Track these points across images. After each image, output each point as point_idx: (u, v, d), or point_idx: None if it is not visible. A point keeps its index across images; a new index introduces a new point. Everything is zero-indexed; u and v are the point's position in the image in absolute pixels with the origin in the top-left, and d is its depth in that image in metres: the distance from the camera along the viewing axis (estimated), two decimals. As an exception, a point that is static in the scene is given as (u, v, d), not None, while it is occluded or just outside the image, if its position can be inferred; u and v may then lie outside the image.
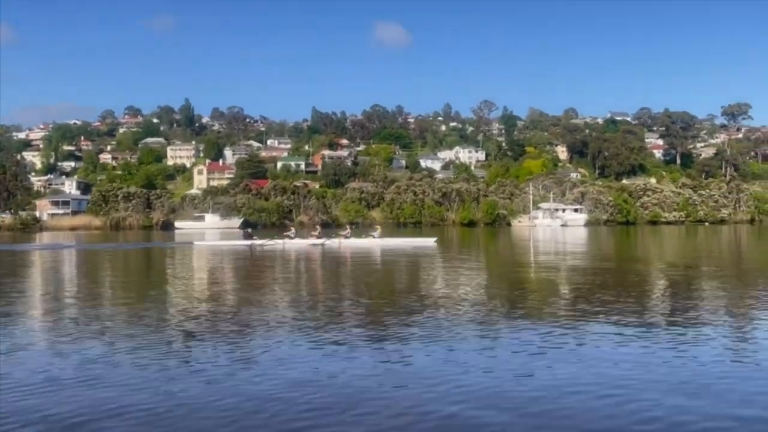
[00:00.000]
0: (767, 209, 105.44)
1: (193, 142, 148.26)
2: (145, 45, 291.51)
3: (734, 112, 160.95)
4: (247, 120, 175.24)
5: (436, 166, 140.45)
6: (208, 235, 57.61)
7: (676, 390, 5.94)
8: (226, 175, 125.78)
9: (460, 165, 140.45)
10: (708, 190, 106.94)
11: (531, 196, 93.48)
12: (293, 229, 37.99)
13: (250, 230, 41.72)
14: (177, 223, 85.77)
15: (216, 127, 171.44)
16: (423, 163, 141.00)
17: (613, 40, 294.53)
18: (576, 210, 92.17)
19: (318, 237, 33.64)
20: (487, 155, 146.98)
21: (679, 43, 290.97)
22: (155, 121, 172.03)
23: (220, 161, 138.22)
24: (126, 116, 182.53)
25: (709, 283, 15.72)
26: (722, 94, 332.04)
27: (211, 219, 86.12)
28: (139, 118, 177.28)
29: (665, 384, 6.14)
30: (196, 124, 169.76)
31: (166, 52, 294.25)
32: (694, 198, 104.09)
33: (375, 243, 33.21)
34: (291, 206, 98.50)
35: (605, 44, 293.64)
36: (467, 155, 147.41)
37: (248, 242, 33.45)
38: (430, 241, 34.80)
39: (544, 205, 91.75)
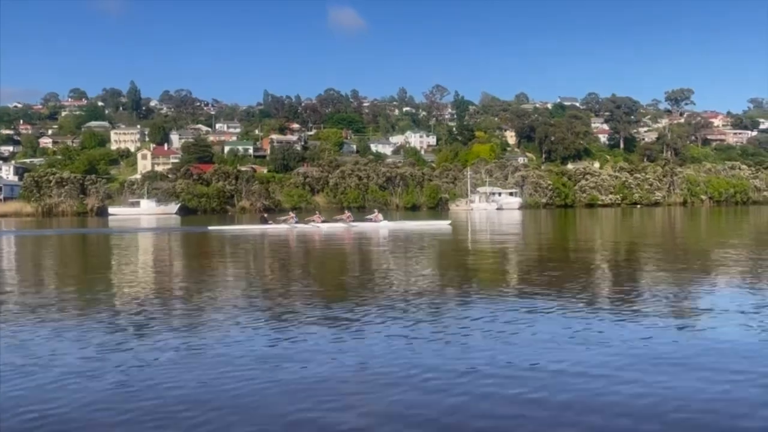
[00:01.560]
0: (698, 192, 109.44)
1: (138, 126, 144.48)
2: (93, 27, 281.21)
3: (677, 98, 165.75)
4: (197, 103, 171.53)
5: (387, 150, 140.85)
6: (144, 221, 56.69)
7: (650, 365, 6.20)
8: (172, 160, 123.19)
9: (410, 149, 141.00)
10: (644, 174, 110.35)
11: (469, 180, 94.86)
12: (293, 214, 38.07)
13: (266, 215, 41.89)
14: (111, 209, 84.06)
15: (164, 110, 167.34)
16: (374, 147, 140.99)
17: (564, 26, 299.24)
18: (511, 194, 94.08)
19: (318, 220, 33.98)
20: (438, 140, 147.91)
21: (628, 29, 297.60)
22: (100, 104, 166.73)
23: (166, 145, 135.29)
24: (70, 99, 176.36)
25: (612, 260, 16.96)
26: (667, 79, 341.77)
27: (147, 205, 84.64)
28: (84, 101, 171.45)
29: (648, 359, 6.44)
30: (143, 108, 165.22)
31: (115, 33, 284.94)
32: (629, 181, 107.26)
33: (386, 226, 33.07)
34: (232, 191, 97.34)
35: (557, 31, 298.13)
36: (418, 140, 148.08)
37: (265, 226, 34.44)
38: (444, 224, 35.09)
39: (480, 189, 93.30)
